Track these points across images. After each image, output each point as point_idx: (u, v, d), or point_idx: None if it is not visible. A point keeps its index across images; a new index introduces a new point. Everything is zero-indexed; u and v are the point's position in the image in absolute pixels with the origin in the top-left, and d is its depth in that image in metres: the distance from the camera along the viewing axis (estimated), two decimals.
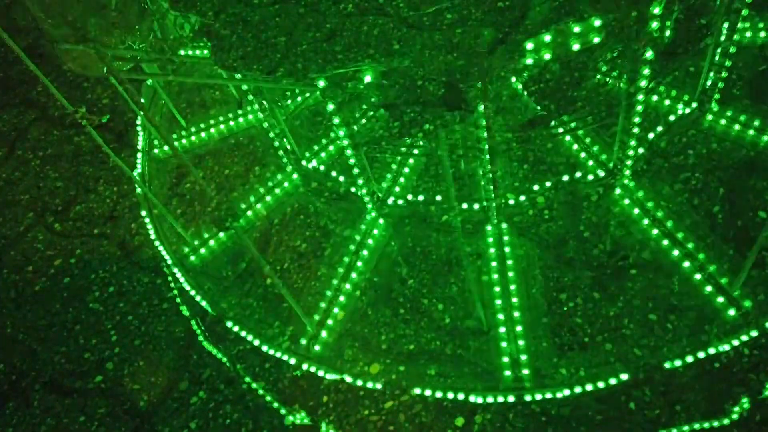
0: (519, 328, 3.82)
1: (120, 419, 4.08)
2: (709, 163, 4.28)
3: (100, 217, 5.19)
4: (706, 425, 3.41)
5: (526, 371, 3.65)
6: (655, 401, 3.51)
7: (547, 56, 3.21)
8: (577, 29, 3.11)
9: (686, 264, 3.85)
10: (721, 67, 4.09)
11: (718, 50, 3.98)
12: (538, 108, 3.58)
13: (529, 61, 3.18)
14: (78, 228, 5.17)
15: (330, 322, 4.10)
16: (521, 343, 3.76)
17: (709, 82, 4.23)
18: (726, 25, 3.77)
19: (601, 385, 3.56)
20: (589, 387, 3.55)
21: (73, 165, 5.62)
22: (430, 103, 3.21)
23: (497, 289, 3.98)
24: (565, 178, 4.34)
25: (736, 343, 3.54)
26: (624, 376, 3.55)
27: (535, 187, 4.36)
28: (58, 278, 4.86)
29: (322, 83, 3.34)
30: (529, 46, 3.10)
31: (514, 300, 3.93)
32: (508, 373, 3.66)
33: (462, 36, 3.02)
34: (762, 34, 4.67)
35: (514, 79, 3.40)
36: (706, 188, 4.18)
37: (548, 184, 4.37)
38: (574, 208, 4.31)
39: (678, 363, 3.54)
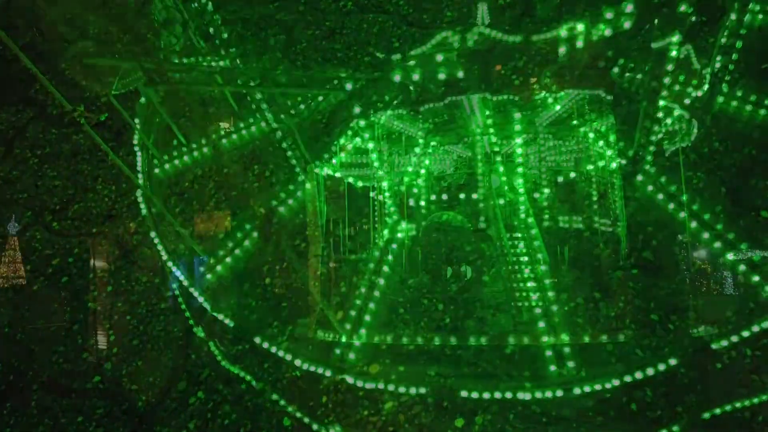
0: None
1: (118, 419, 4.06)
2: (711, 162, 4.26)
3: (99, 216, 5.17)
4: (747, 403, 3.39)
5: (571, 363, 3.65)
6: (656, 402, 3.49)
7: (579, 44, 3.22)
8: (609, 15, 3.12)
9: (717, 244, 3.87)
10: (732, 48, 4.07)
11: (725, 33, 3.97)
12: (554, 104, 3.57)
13: (562, 50, 3.20)
14: (76, 227, 5.14)
15: (363, 330, 4.08)
16: (563, 336, 3.76)
17: (718, 65, 4.21)
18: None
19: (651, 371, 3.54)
20: (638, 375, 3.53)
21: (72, 163, 5.59)
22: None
23: (531, 284, 3.98)
24: (590, 167, 4.33)
25: None
26: (672, 362, 3.53)
27: (560, 179, 4.36)
28: (56, 277, 4.84)
29: (349, 86, 3.37)
30: (564, 33, 3.12)
31: (550, 294, 3.93)
32: (552, 368, 3.66)
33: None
34: (760, 16, 4.65)
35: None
36: (708, 187, 4.16)
37: (573, 175, 4.36)
38: (574, 206, 4.30)
39: (725, 343, 3.54)
